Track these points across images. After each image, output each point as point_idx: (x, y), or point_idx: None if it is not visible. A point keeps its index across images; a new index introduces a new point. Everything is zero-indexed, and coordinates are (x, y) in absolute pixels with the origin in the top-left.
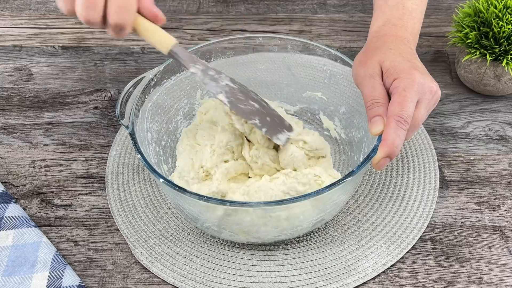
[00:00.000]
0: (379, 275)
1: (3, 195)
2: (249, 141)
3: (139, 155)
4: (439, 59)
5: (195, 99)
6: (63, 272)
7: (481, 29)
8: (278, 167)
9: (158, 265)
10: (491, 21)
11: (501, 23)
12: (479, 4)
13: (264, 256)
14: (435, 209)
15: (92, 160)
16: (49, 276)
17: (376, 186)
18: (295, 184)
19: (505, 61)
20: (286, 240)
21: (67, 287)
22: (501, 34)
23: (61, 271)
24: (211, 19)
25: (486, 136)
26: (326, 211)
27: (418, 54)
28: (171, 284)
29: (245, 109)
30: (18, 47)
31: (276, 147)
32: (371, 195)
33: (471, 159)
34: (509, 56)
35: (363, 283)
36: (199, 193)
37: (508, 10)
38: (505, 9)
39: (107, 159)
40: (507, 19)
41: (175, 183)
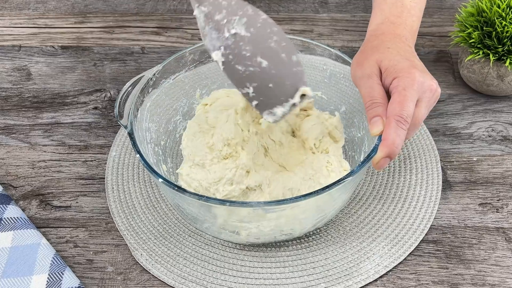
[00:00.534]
0: (381, 277)
1: (2, 196)
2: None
3: (138, 155)
4: (442, 59)
5: (194, 99)
6: (63, 274)
7: (484, 28)
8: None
9: (158, 266)
10: (494, 20)
11: (504, 22)
12: (482, 3)
13: (265, 257)
14: (437, 210)
15: (91, 161)
16: (48, 278)
17: (378, 187)
18: (308, 169)
19: (508, 61)
20: (287, 241)
21: None
22: (505, 33)
23: (60, 272)
24: None
25: (489, 136)
26: (326, 210)
27: (420, 54)
28: (171, 286)
29: (242, 72)
30: (17, 47)
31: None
32: (373, 196)
33: (474, 160)
34: None
35: (365, 285)
36: (225, 171)
37: (511, 9)
38: (508, 9)
39: (106, 160)
40: (510, 19)
41: (185, 175)
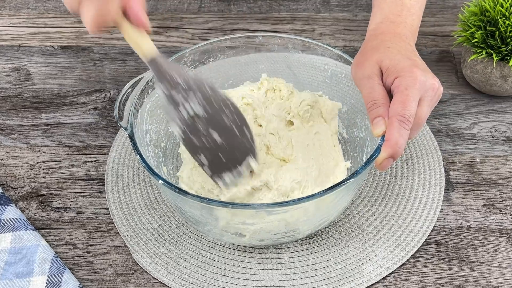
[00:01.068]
0: (383, 278)
1: (0, 197)
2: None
3: (139, 158)
4: (444, 59)
5: None
6: (62, 275)
7: (487, 28)
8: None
9: (158, 268)
10: (498, 20)
11: (507, 22)
12: (486, 3)
13: (266, 259)
14: (440, 212)
15: (91, 161)
16: (47, 279)
17: (380, 188)
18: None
19: (511, 61)
20: (289, 242)
21: None
22: (508, 33)
23: (59, 274)
24: (212, 18)
25: (492, 137)
26: (329, 212)
27: (423, 53)
28: None
29: (198, 144)
30: (16, 46)
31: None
32: (375, 197)
33: (477, 160)
34: None
35: (367, 287)
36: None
37: None
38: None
39: (106, 161)
40: None
41: (186, 178)
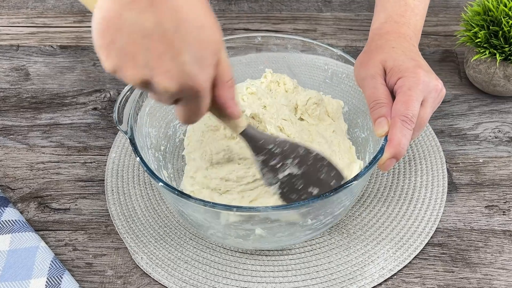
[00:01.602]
0: (386, 280)
1: None
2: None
3: (141, 162)
4: (447, 59)
5: None
6: (61, 277)
7: (490, 28)
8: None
9: (159, 270)
10: (501, 19)
11: (511, 21)
12: (489, 2)
13: (268, 261)
14: (443, 213)
15: (91, 162)
16: (47, 281)
17: (382, 189)
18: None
19: None
20: (290, 244)
21: None
22: (511, 33)
23: (59, 276)
24: None
25: (495, 138)
26: (333, 213)
27: (425, 53)
28: None
29: (296, 198)
30: (15, 46)
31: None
32: (378, 198)
33: (481, 161)
34: None
35: None
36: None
37: None
38: None
39: (106, 162)
40: None
41: (202, 177)
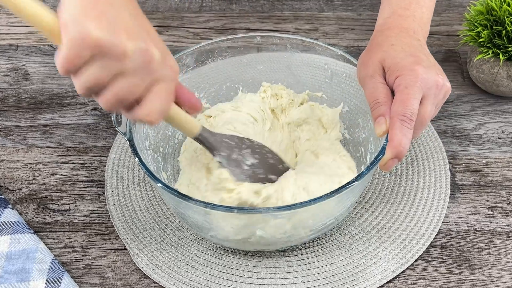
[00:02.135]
0: (388, 282)
1: None
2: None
3: (140, 163)
4: (450, 59)
5: None
6: (61, 279)
7: (494, 27)
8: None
9: (159, 272)
10: (504, 19)
11: None
12: (492, 1)
13: (269, 263)
14: (446, 214)
15: (91, 163)
16: (46, 283)
17: (385, 190)
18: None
19: None
20: (292, 246)
21: None
22: None
23: (58, 278)
24: (214, 17)
25: (499, 138)
26: (335, 214)
27: None
28: None
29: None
30: (14, 46)
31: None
32: (380, 200)
33: (484, 162)
34: None
35: None
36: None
37: None
38: None
39: (106, 162)
40: None
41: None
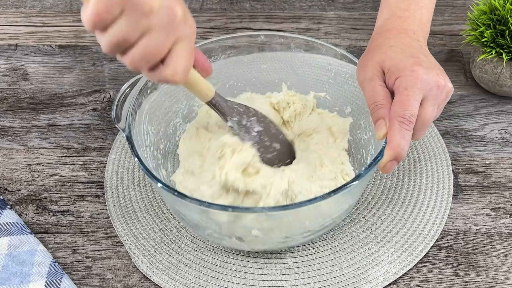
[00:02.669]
0: (390, 284)
1: None
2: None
3: (137, 159)
4: (453, 59)
5: (194, 101)
6: (60, 281)
7: (497, 27)
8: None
9: (159, 273)
10: (508, 18)
11: None
12: (495, 1)
13: (270, 264)
14: (448, 215)
15: (90, 164)
16: (45, 285)
17: (387, 191)
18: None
19: None
20: (292, 247)
21: None
22: None
23: (58, 280)
24: (214, 16)
25: (502, 139)
26: (332, 216)
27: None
28: None
29: (271, 157)
30: (13, 46)
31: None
32: (382, 201)
33: (487, 163)
34: None
35: None
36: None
37: None
38: None
39: (106, 163)
40: None
41: (178, 183)
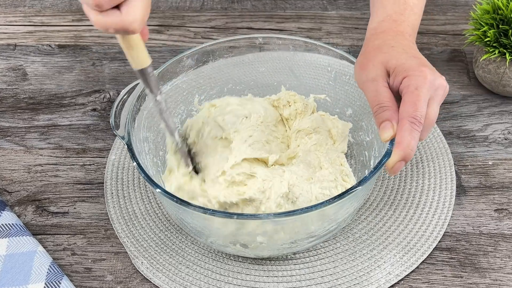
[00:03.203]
0: (392, 286)
1: None
2: None
3: (138, 168)
4: (456, 59)
5: (192, 105)
6: (60, 283)
7: (500, 26)
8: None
9: (159, 275)
10: (511, 18)
11: None
12: (498, 0)
13: (271, 266)
14: (451, 217)
15: (90, 165)
16: (44, 287)
17: (389, 192)
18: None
19: None
20: (295, 253)
21: None
22: None
23: (57, 281)
24: (215, 16)
25: (505, 139)
26: (337, 220)
27: (433, 53)
28: None
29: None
30: (12, 45)
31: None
32: (384, 202)
33: (490, 163)
34: None
35: None
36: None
37: None
38: None
39: (106, 164)
40: None
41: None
